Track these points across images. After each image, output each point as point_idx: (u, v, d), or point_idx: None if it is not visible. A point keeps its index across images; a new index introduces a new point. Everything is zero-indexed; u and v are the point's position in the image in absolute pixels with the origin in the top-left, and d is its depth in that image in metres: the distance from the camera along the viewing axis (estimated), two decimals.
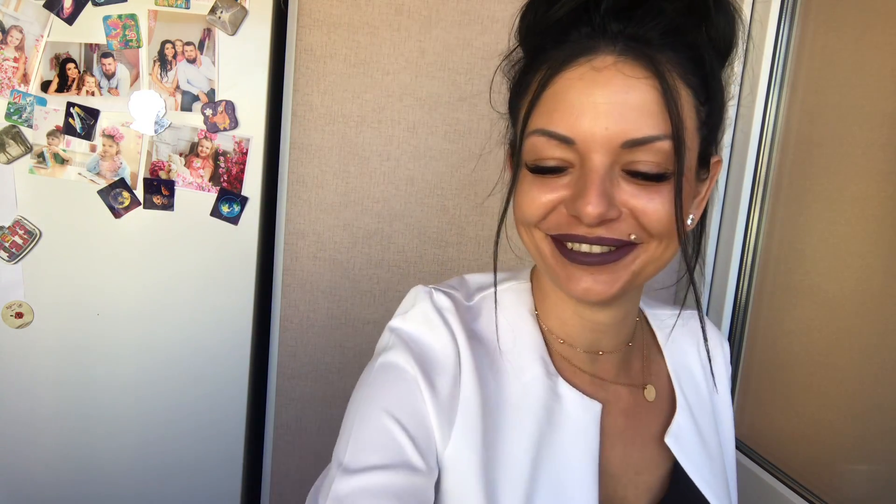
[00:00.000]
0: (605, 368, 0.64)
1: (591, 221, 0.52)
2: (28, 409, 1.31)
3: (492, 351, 0.61)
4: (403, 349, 0.59)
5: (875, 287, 1.03)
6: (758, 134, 1.26)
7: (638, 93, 0.51)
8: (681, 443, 0.64)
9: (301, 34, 1.30)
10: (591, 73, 0.51)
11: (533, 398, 0.60)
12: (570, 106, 0.52)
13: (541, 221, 0.55)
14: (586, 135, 0.51)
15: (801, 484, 1.11)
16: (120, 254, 1.29)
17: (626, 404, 0.64)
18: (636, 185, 0.53)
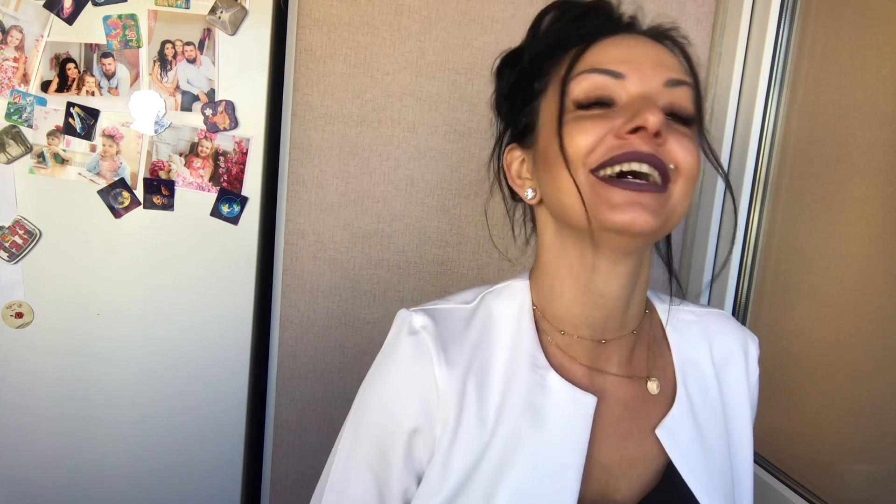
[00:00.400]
0: (608, 358, 0.65)
1: (654, 127, 0.55)
2: (28, 409, 1.31)
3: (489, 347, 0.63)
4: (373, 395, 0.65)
5: (875, 287, 1.03)
6: (758, 134, 1.26)
7: (666, 56, 0.60)
8: (674, 437, 0.63)
9: (301, 34, 1.30)
10: (628, 38, 0.60)
11: (515, 393, 0.61)
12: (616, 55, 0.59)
13: (590, 154, 0.57)
14: (636, 72, 0.58)
15: (801, 484, 1.11)
16: (120, 254, 1.29)
17: (626, 396, 0.64)
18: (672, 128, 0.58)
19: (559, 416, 0.61)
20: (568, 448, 0.60)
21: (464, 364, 0.62)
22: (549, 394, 0.61)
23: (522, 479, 0.59)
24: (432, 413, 0.61)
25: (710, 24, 1.37)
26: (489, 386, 0.62)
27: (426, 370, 0.61)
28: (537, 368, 0.62)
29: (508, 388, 0.62)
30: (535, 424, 0.61)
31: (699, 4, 1.36)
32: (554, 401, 0.61)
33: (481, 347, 0.63)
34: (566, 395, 0.61)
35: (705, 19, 1.37)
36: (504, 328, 0.64)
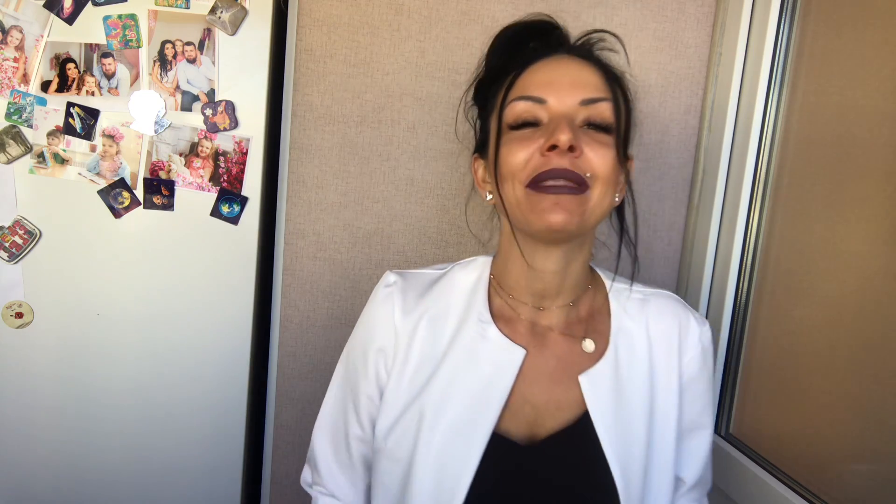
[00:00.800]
0: (548, 319, 0.81)
1: (564, 145, 0.69)
2: (28, 409, 1.31)
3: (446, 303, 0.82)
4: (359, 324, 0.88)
5: (875, 287, 1.03)
6: (758, 134, 1.26)
7: (587, 74, 0.74)
8: (594, 386, 0.77)
9: (301, 34, 1.30)
10: (554, 62, 0.74)
11: (461, 341, 0.79)
12: (541, 80, 0.73)
13: (520, 171, 0.72)
14: (554, 96, 0.72)
15: (801, 484, 1.11)
16: (120, 254, 1.29)
17: (561, 351, 0.80)
18: (590, 136, 0.72)
19: (492, 362, 0.78)
20: (495, 388, 0.77)
21: (418, 312, 0.81)
22: (487, 343, 0.79)
23: (455, 408, 0.76)
24: (391, 344, 0.81)
25: (710, 24, 1.37)
26: (441, 332, 0.80)
27: (389, 312, 0.82)
28: (481, 322, 0.80)
29: (457, 336, 0.80)
30: (472, 365, 0.78)
31: (699, 4, 1.36)
32: (490, 349, 0.78)
33: (439, 302, 0.82)
34: (500, 345, 0.78)
35: (705, 19, 1.37)
36: (463, 290, 0.83)
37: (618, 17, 1.35)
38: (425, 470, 0.76)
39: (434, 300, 0.83)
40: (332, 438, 0.88)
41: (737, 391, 1.31)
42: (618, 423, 0.77)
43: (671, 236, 1.43)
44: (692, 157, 1.41)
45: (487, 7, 1.32)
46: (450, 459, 0.75)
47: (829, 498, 1.06)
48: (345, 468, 0.87)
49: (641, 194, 1.41)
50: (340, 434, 0.87)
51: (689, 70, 1.38)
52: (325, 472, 0.88)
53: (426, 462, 0.76)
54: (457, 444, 0.76)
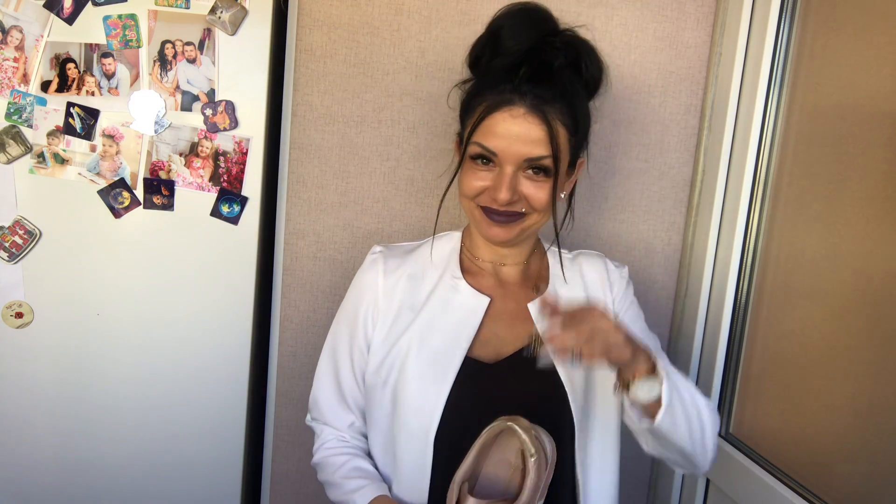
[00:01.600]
0: (508, 273, 1.05)
1: (502, 203, 0.93)
2: (28, 409, 1.31)
3: (422, 266, 1.04)
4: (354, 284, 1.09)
5: (875, 287, 1.03)
6: (758, 134, 1.26)
7: (535, 131, 0.91)
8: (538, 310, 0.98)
9: (301, 34, 1.30)
10: (510, 117, 0.91)
11: (437, 293, 1.01)
12: (497, 132, 0.92)
13: (475, 197, 0.96)
14: (504, 152, 0.92)
15: (801, 484, 1.11)
16: (120, 254, 1.29)
17: (518, 296, 1.03)
18: (530, 179, 0.93)
19: (462, 307, 1.00)
20: (465, 326, 0.98)
21: (399, 273, 1.03)
22: (458, 293, 1.01)
23: (433, 342, 0.97)
24: (374, 300, 1.02)
25: (710, 24, 1.37)
26: (419, 287, 1.02)
27: (374, 275, 1.03)
28: (454, 278, 1.02)
29: (434, 291, 1.02)
30: (446, 311, 1.00)
31: (699, 4, 1.36)
32: (461, 298, 1.01)
33: (416, 264, 1.04)
34: (469, 294, 1.01)
35: (705, 19, 1.37)
36: (440, 255, 1.06)
37: (618, 17, 1.35)
38: (410, 390, 0.95)
39: (412, 263, 1.05)
40: (330, 384, 1.06)
41: (737, 391, 1.31)
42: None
43: (671, 236, 1.43)
44: (692, 157, 1.41)
45: (487, 7, 1.32)
46: (430, 380, 0.95)
47: (829, 498, 1.06)
48: (342, 406, 1.05)
49: (642, 194, 1.41)
50: (336, 381, 1.05)
51: (689, 70, 1.38)
52: (326, 408, 1.06)
53: (411, 384, 0.95)
54: (436, 368, 0.95)
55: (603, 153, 1.39)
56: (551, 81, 0.92)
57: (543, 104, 0.91)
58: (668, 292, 1.45)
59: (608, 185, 1.40)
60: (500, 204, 0.93)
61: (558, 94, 0.92)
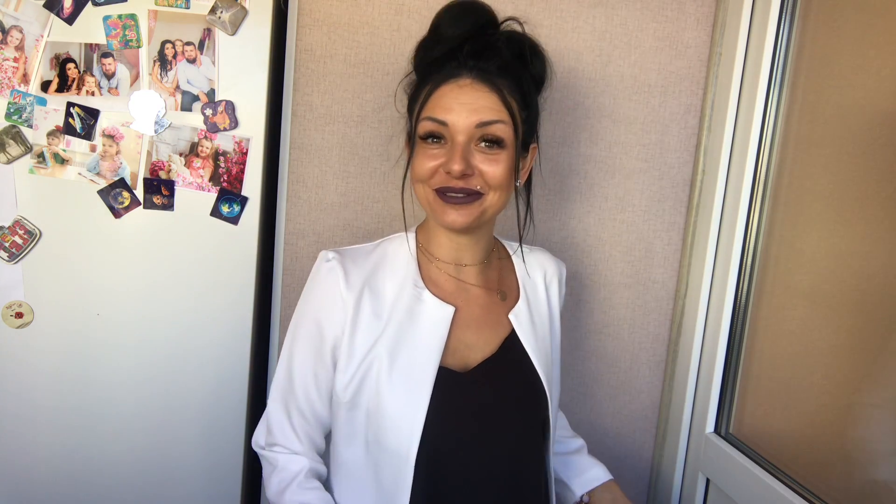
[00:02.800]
0: (468, 276, 1.01)
1: (456, 174, 0.88)
2: (28, 409, 1.31)
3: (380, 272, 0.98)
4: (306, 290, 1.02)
5: (875, 287, 1.03)
6: (758, 134, 1.26)
7: (484, 99, 0.89)
8: (518, 319, 1.01)
9: (301, 34, 1.30)
10: (458, 88, 0.90)
11: (401, 304, 0.96)
12: (445, 104, 0.90)
13: (429, 179, 0.92)
14: (454, 121, 0.89)
15: (801, 484, 1.11)
16: (120, 254, 1.29)
17: (483, 301, 1.01)
18: (484, 153, 0.90)
19: (429, 318, 0.96)
20: (434, 337, 0.95)
21: (360, 282, 0.96)
22: (423, 304, 0.97)
23: (405, 358, 0.93)
24: (340, 314, 0.95)
25: (710, 24, 1.37)
26: (382, 297, 0.96)
27: (335, 284, 0.95)
28: (416, 287, 0.97)
29: (397, 300, 0.96)
30: (412, 323, 0.95)
31: (699, 4, 1.36)
32: (426, 308, 0.96)
33: (377, 273, 0.98)
34: (434, 305, 0.97)
35: (705, 19, 1.37)
36: (395, 261, 0.99)
37: (618, 17, 1.35)
38: (387, 407, 0.91)
39: (373, 271, 0.98)
40: (283, 402, 0.99)
41: (737, 391, 1.31)
42: (537, 344, 1.01)
43: (671, 236, 1.43)
44: (692, 157, 1.41)
45: None
46: (406, 394, 0.91)
47: (829, 498, 1.06)
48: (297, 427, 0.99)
49: (642, 194, 1.41)
50: (293, 397, 0.99)
51: (689, 70, 1.38)
52: (279, 431, 0.99)
53: (387, 400, 0.91)
54: (410, 382, 0.92)
55: (603, 153, 1.39)
56: (495, 57, 0.91)
57: (490, 75, 0.90)
58: (668, 292, 1.46)
59: (608, 185, 1.40)
60: (455, 175, 0.88)
61: (503, 68, 0.91)
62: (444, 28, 0.93)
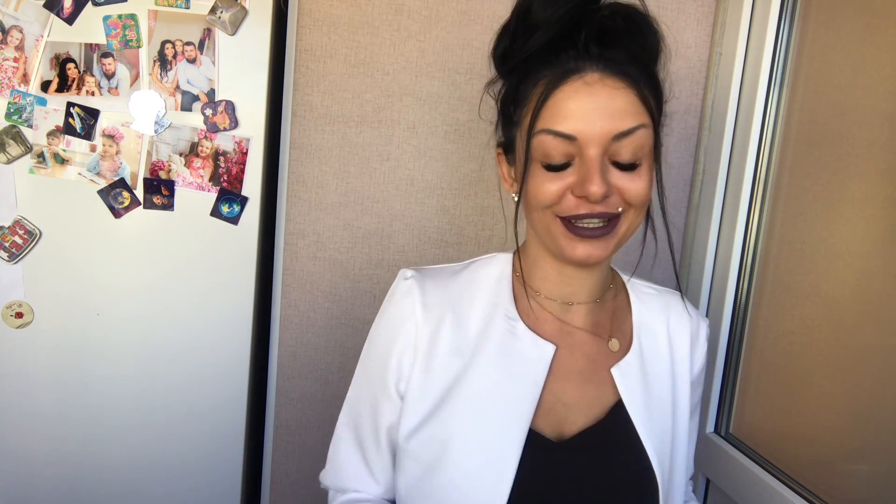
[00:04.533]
0: (576, 318, 0.81)
1: (597, 199, 0.68)
2: (28, 409, 1.31)
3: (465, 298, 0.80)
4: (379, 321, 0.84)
5: (875, 287, 1.03)
6: (758, 134, 1.26)
7: (620, 99, 0.69)
8: (625, 378, 0.79)
9: (301, 34, 1.30)
10: (585, 86, 0.69)
11: (489, 340, 0.78)
12: (571, 112, 0.69)
13: (552, 206, 0.72)
14: (585, 132, 0.68)
15: (801, 484, 1.11)
16: (120, 254, 1.29)
17: (589, 349, 0.80)
18: (620, 170, 0.71)
19: (523, 358, 0.77)
20: (528, 383, 0.76)
21: (440, 306, 0.79)
22: (517, 339, 0.78)
23: (489, 405, 0.75)
24: (412, 341, 0.78)
25: (710, 24, 1.37)
26: (466, 327, 0.78)
27: (410, 308, 0.79)
28: (509, 319, 0.79)
29: (485, 332, 0.78)
30: (503, 362, 0.77)
31: (699, 4, 1.36)
32: (520, 345, 0.78)
33: (463, 297, 0.80)
34: (530, 342, 0.78)
35: (705, 19, 1.37)
36: (484, 286, 0.81)
37: None
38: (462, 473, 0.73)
39: (456, 295, 0.80)
40: (351, 446, 0.85)
41: (737, 391, 1.31)
42: (649, 413, 0.79)
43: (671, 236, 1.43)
44: (692, 157, 1.41)
45: (487, 7, 1.32)
46: (487, 458, 0.73)
47: (829, 498, 1.06)
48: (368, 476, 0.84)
49: None
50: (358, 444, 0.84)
51: (689, 70, 1.38)
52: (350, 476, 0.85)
53: (462, 464, 0.74)
54: (491, 444, 0.74)
55: None
56: (619, 42, 0.72)
57: (622, 66, 0.70)
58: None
59: None
60: (595, 200, 0.68)
61: (632, 56, 0.72)
62: (538, 10, 0.71)
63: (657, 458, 0.77)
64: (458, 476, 0.73)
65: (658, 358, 0.83)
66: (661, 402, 0.81)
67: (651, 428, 0.78)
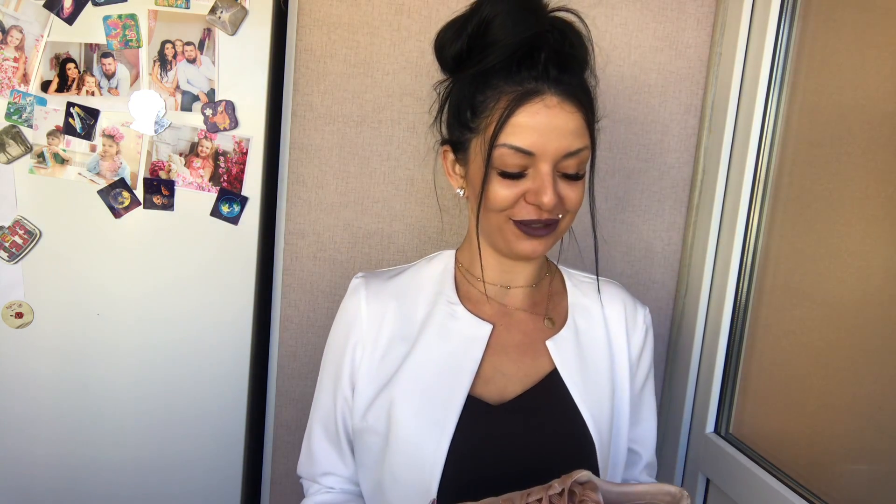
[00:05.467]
0: (514, 299, 0.91)
1: (549, 208, 0.79)
2: (28, 409, 1.31)
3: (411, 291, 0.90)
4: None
5: (875, 287, 1.03)
6: (758, 134, 1.26)
7: (573, 123, 0.79)
8: (559, 349, 0.88)
9: (301, 34, 1.30)
10: (545, 109, 0.78)
11: (431, 322, 0.88)
12: (531, 130, 0.78)
13: (507, 209, 0.81)
14: (542, 149, 0.79)
15: (801, 484, 1.11)
16: (120, 254, 1.29)
17: (526, 326, 0.90)
18: (565, 181, 0.81)
19: (462, 336, 0.87)
20: (468, 358, 0.85)
21: (383, 299, 0.89)
22: (457, 321, 0.88)
23: (429, 379, 0.84)
24: (360, 333, 0.89)
25: (710, 24, 1.37)
26: (410, 316, 0.88)
27: (356, 304, 0.90)
28: (450, 304, 0.89)
29: (428, 318, 0.88)
30: (443, 342, 0.86)
31: (699, 4, 1.36)
32: (460, 326, 0.87)
33: (409, 289, 0.91)
34: (469, 322, 0.88)
35: (705, 19, 1.37)
36: (430, 278, 0.92)
37: (618, 17, 1.35)
38: (405, 436, 0.81)
39: (400, 288, 0.91)
40: (324, 429, 0.93)
41: (737, 391, 1.31)
42: (584, 382, 0.87)
43: (671, 236, 1.43)
44: (692, 157, 1.41)
45: None
46: (428, 424, 0.81)
47: (829, 498, 1.06)
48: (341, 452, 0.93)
49: (642, 194, 1.41)
50: (331, 422, 0.93)
51: (689, 70, 1.38)
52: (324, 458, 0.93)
53: (405, 429, 0.82)
54: (433, 410, 0.82)
55: (603, 153, 1.39)
56: (571, 68, 0.81)
57: (574, 90, 0.80)
58: (668, 292, 1.45)
59: (608, 185, 1.40)
60: (547, 209, 0.79)
61: (578, 81, 0.82)
62: (498, 30, 0.79)
63: (594, 422, 0.85)
64: (405, 439, 0.82)
65: (593, 334, 0.92)
66: (598, 373, 0.89)
67: (586, 393, 0.86)
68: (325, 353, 0.95)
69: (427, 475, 0.80)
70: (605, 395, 0.88)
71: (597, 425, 0.85)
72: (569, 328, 0.91)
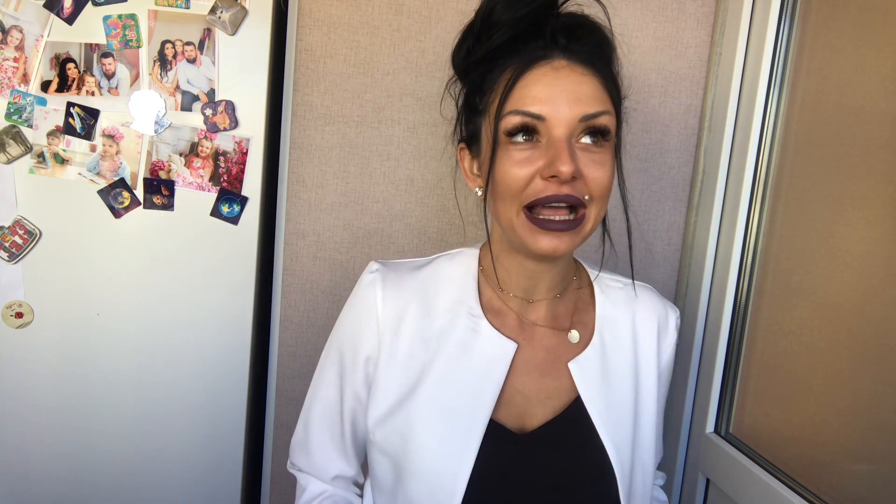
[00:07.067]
0: (535, 314, 0.83)
1: (566, 177, 0.69)
2: (28, 409, 1.31)
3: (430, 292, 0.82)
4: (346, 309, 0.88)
5: (875, 287, 1.03)
6: (758, 134, 1.26)
7: (586, 85, 0.71)
8: (583, 372, 0.81)
9: (301, 34, 1.30)
10: (552, 71, 0.71)
11: (452, 334, 0.80)
12: (539, 94, 0.71)
13: (519, 193, 0.72)
14: (553, 114, 0.70)
15: (801, 484, 1.11)
16: (120, 254, 1.29)
17: (549, 343, 0.82)
18: (589, 153, 0.72)
19: (485, 355, 0.79)
20: (489, 379, 0.78)
21: (403, 296, 0.81)
22: (480, 337, 0.80)
23: (449, 401, 0.77)
24: (375, 333, 0.81)
25: (710, 24, 1.37)
26: (432, 319, 0.81)
27: (371, 300, 0.82)
28: (472, 316, 0.81)
29: (449, 327, 0.80)
30: (465, 358, 0.79)
31: (699, 4, 1.36)
32: (482, 342, 0.80)
33: (429, 289, 0.82)
34: (492, 339, 0.80)
35: (705, 19, 1.37)
36: (449, 282, 0.83)
37: (618, 17, 1.35)
38: (422, 461, 0.76)
39: (420, 288, 0.83)
40: (326, 421, 0.89)
41: (737, 391, 1.31)
42: (608, 407, 0.81)
43: (671, 236, 1.43)
44: (692, 157, 1.41)
45: None
46: (447, 449, 0.76)
47: (829, 498, 1.06)
48: (340, 450, 0.88)
49: (642, 194, 1.41)
50: (336, 417, 0.88)
51: (689, 70, 1.38)
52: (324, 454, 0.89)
53: (423, 453, 0.76)
54: (454, 435, 0.76)
55: None
56: (583, 38, 0.74)
57: (589, 55, 0.73)
58: (668, 292, 1.45)
59: None
60: (565, 178, 0.69)
61: (596, 49, 0.75)
62: (501, 11, 0.74)
63: (616, 453, 0.79)
64: (421, 467, 0.76)
65: (620, 352, 0.84)
66: (622, 397, 0.83)
67: (609, 422, 0.80)
68: (330, 343, 0.89)
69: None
70: (627, 420, 0.82)
71: (619, 455, 0.79)
72: (594, 347, 0.83)
